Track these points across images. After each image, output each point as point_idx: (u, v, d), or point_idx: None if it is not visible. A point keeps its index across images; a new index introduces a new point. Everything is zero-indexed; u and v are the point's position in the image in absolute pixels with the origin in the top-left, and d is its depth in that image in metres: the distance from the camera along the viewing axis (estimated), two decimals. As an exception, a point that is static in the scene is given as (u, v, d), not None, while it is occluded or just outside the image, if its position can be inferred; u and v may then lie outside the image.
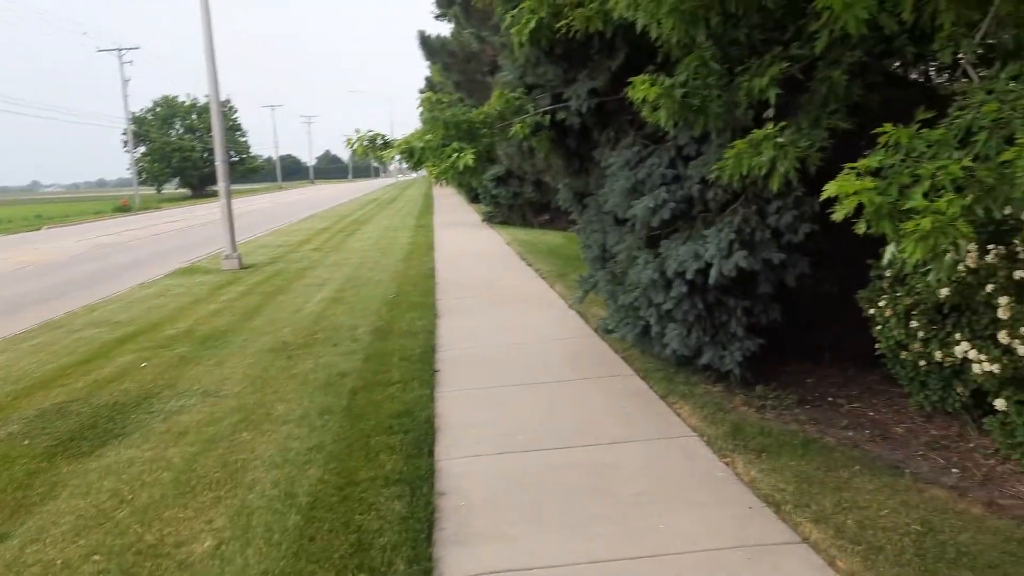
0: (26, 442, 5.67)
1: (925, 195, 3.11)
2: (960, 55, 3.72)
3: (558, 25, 5.30)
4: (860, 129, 4.57)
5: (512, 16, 5.76)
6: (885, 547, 3.60)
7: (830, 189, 3.32)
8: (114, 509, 4.43)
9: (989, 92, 3.36)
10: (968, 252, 4.29)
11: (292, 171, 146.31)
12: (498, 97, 6.40)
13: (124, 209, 52.96)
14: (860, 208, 3.23)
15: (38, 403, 6.67)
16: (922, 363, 4.94)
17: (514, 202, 21.30)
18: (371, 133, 6.47)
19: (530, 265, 13.51)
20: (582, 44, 5.95)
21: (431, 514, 4.12)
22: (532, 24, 5.55)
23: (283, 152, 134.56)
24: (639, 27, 4.43)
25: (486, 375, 6.83)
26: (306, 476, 4.70)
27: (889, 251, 3.29)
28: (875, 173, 3.32)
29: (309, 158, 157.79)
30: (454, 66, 17.28)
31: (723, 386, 6.06)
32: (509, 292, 11.06)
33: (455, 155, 5.92)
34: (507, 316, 9.38)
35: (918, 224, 3.01)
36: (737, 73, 4.84)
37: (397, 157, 6.41)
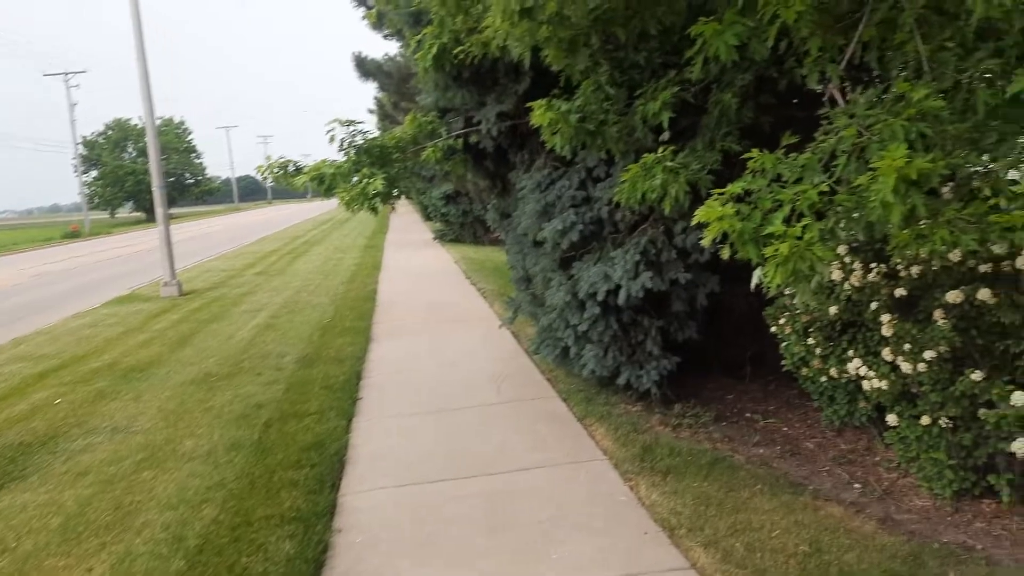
0: (-83, 488, 5.46)
1: (785, 220, 3.13)
2: (827, 79, 3.76)
3: (456, 51, 5.28)
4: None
5: (417, 41, 5.73)
6: (769, 570, 3.60)
7: (699, 215, 3.33)
8: (-6, 559, 4.26)
9: (851, 116, 3.40)
10: (853, 271, 4.35)
11: (250, 191, 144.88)
12: (411, 121, 6.37)
13: (74, 235, 51.86)
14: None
15: (-59, 446, 6.43)
16: (823, 379, 4.98)
17: (464, 220, 21.29)
18: (283, 160, 6.38)
19: (474, 284, 13.46)
20: (489, 69, 5.95)
21: (321, 553, 4.03)
22: (435, 50, 5.52)
23: (241, 173, 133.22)
24: (516, 55, 4.42)
25: (409, 402, 6.75)
26: (200, 517, 4.57)
27: (756, 275, 3.31)
28: (742, 198, 3.34)
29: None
30: (390, 87, 17.26)
31: (642, 405, 6.07)
32: (449, 313, 11.00)
33: (365, 181, 5.85)
34: (442, 338, 9.31)
35: (777, 249, 3.03)
36: (636, 97, 4.87)
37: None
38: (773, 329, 5.25)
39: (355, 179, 5.97)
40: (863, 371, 4.38)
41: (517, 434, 5.74)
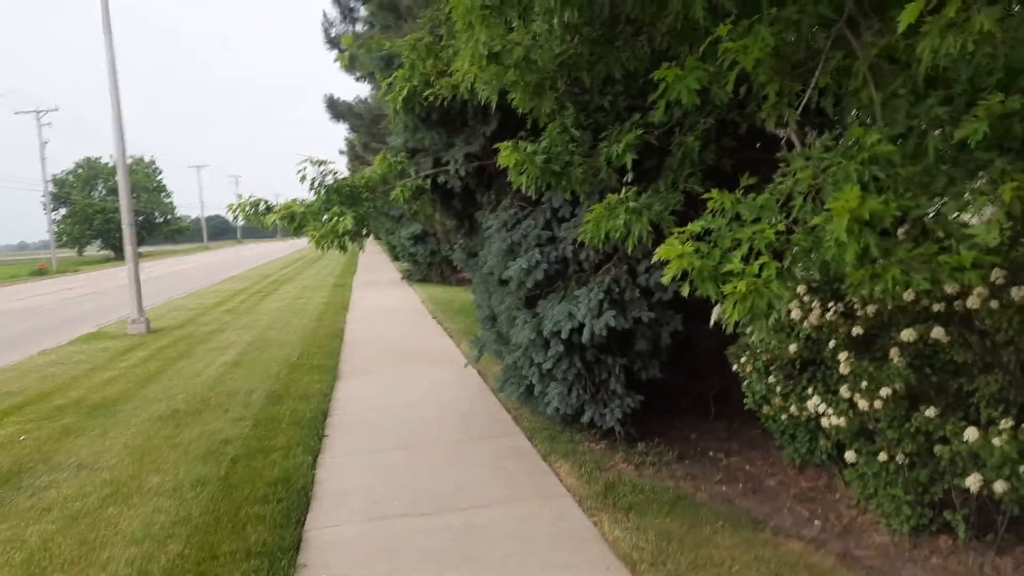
0: None
1: (744, 258, 3.25)
2: (784, 123, 3.93)
3: (426, 93, 5.42)
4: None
5: (388, 84, 5.87)
6: (729, 604, 3.65)
7: (659, 253, 3.45)
8: (-50, 598, 4.18)
9: (807, 159, 3.55)
10: (812, 310, 4.49)
11: (220, 231, 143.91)
12: (381, 161, 6.47)
13: (41, 272, 51.03)
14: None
15: (-102, 484, 6.28)
16: (784, 417, 5.09)
17: (432, 260, 21.38)
18: (253, 199, 6.44)
19: (440, 323, 13.50)
20: (459, 111, 6.09)
21: (284, 589, 4.00)
22: (405, 92, 5.66)
23: (212, 212, 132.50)
24: (483, 98, 4.55)
25: (375, 439, 6.74)
26: (165, 552, 4.53)
27: (715, 312, 3.41)
28: (702, 236, 3.46)
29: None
30: (361, 128, 17.44)
31: (606, 443, 6.12)
32: (415, 351, 11.01)
33: (335, 219, 5.92)
34: (408, 376, 9.31)
35: (735, 286, 3.14)
36: (600, 139, 5.02)
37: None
38: (735, 368, 5.36)
39: (325, 218, 6.05)
40: (822, 408, 4.49)
41: (483, 471, 5.76)
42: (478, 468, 5.83)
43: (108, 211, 72.25)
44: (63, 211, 74.54)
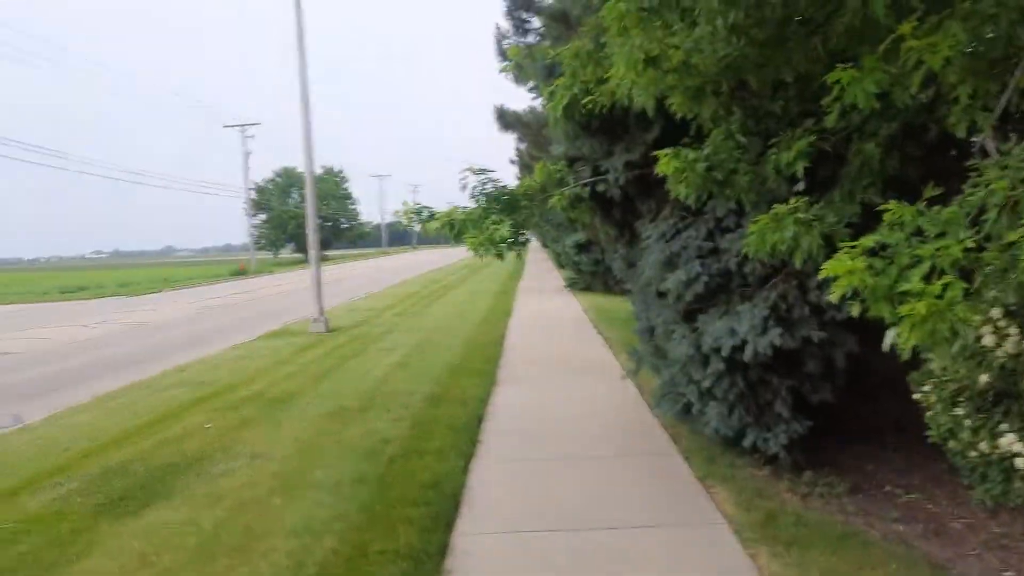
0: (79, 500, 5.94)
1: (924, 278, 2.91)
2: (977, 129, 3.51)
3: (585, 100, 5.34)
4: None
5: (549, 92, 5.85)
6: (899, 660, 3.28)
7: (827, 269, 3.17)
8: (135, 571, 4.56)
9: (1004, 168, 3.14)
10: (1008, 336, 3.98)
11: (399, 236, 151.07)
12: (540, 170, 6.48)
13: (241, 273, 55.91)
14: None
15: (105, 461, 6.98)
16: (973, 454, 4.55)
17: (596, 268, 21.24)
18: (417, 206, 6.63)
19: (600, 333, 13.38)
20: (620, 118, 5.96)
21: (427, 594, 4.05)
22: (566, 100, 5.60)
23: (391, 219, 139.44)
24: (639, 105, 4.39)
25: (527, 448, 6.73)
26: (321, 547, 4.72)
27: (889, 335, 3.08)
28: (877, 252, 3.14)
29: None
30: (528, 136, 17.63)
31: (770, 470, 5.76)
32: (573, 361, 10.95)
33: (493, 227, 5.98)
34: (564, 386, 9.26)
35: (913, 308, 2.82)
36: (769, 146, 4.72)
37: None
38: (917, 396, 4.86)
39: (483, 225, 6.12)
40: (1018, 447, 3.97)
41: (634, 489, 5.58)
42: (629, 486, 5.66)
43: (301, 217, 77.88)
44: (262, 216, 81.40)
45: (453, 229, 6.26)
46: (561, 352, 11.80)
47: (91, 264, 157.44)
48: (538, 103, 19.13)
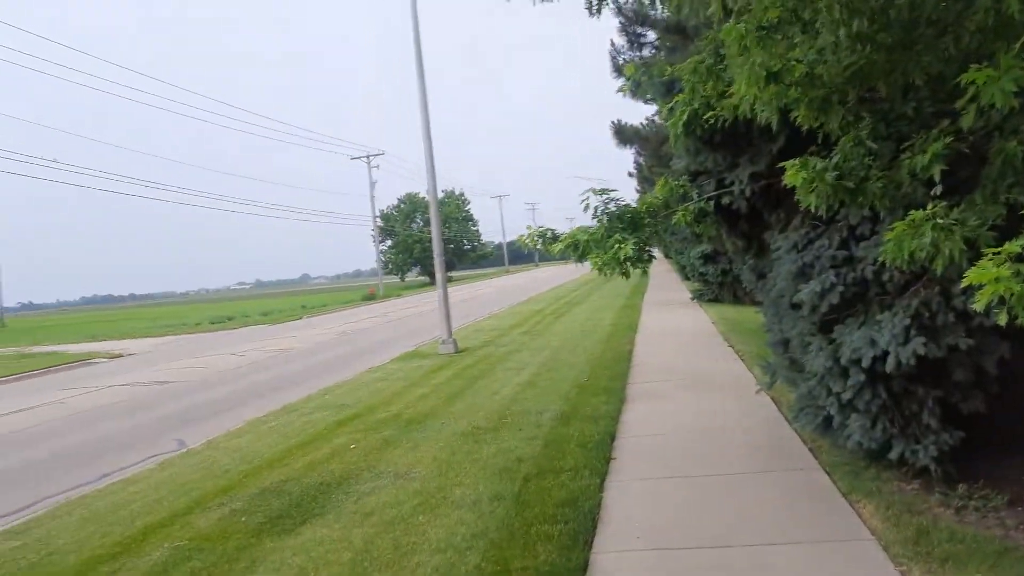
0: (243, 519, 6.39)
1: (1083, 285, 2.78)
2: None
3: (707, 116, 5.34)
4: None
5: (668, 108, 5.88)
6: None
7: (969, 277, 3.06)
8: (296, 585, 4.89)
9: None
10: None
11: (520, 255, 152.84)
12: (662, 186, 6.50)
13: (371, 297, 58.29)
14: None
15: (261, 482, 7.49)
16: None
17: (723, 279, 20.80)
18: (541, 229, 6.79)
19: (731, 346, 13.10)
20: (743, 131, 5.91)
21: (570, 610, 4.13)
22: (686, 116, 5.63)
23: (511, 237, 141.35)
24: (763, 119, 4.36)
25: (661, 465, 6.71)
26: (464, 562, 4.90)
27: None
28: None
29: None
30: (648, 151, 17.52)
31: (919, 483, 5.50)
32: (704, 375, 10.79)
33: (617, 246, 6.04)
34: (696, 401, 9.15)
35: (1070, 317, 2.69)
36: (902, 149, 4.58)
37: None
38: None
39: (607, 245, 6.20)
40: None
41: (774, 505, 5.47)
42: (769, 502, 5.55)
43: (425, 240, 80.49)
44: (389, 242, 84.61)
45: (577, 250, 6.37)
46: (691, 367, 11.65)
47: (236, 295, 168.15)
48: (654, 113, 19.07)
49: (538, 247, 6.88)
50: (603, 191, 6.43)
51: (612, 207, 6.34)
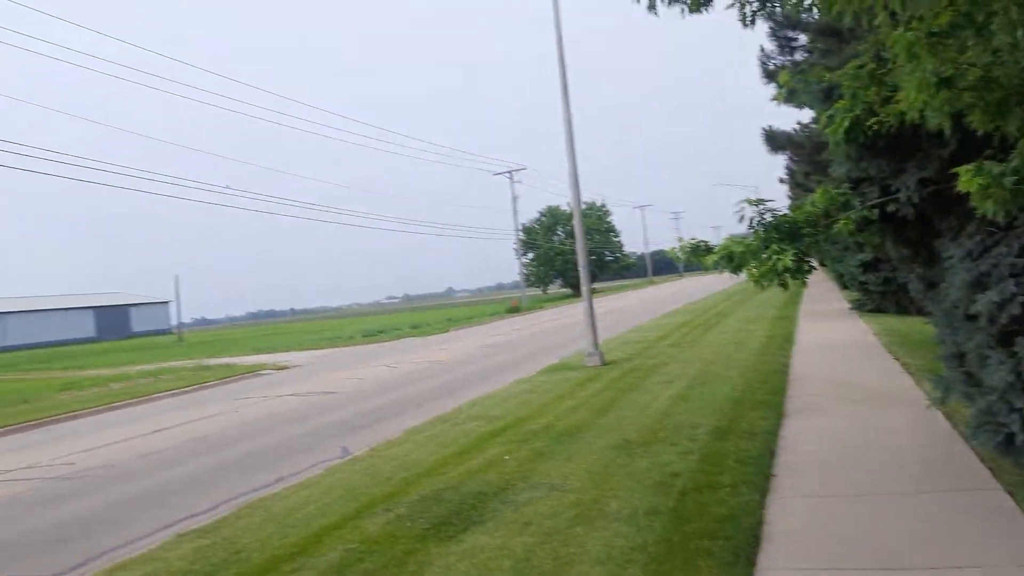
0: (408, 524, 6.73)
1: None
2: None
3: (870, 122, 5.17)
4: None
5: (827, 116, 5.73)
6: None
7: None
8: (463, 590, 5.11)
9: None
10: None
11: (663, 265, 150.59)
12: (821, 195, 6.32)
13: (514, 310, 59.25)
14: None
15: (422, 489, 7.84)
16: None
17: (885, 288, 19.65)
18: (694, 241, 6.76)
19: (896, 359, 12.39)
20: (909, 136, 5.66)
21: (736, 627, 4.10)
22: (847, 123, 5.47)
23: (655, 247, 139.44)
24: (933, 126, 4.17)
25: (825, 482, 6.49)
26: (625, 575, 4.96)
27: None
28: None
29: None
30: (802, 156, 16.86)
31: (1120, 508, 5.05)
32: (868, 389, 10.28)
33: (775, 257, 5.94)
34: (861, 417, 8.74)
35: None
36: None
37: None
38: None
39: (764, 256, 6.09)
40: None
41: (950, 527, 5.18)
42: (945, 523, 5.26)
43: (566, 253, 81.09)
44: (530, 255, 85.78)
45: (732, 262, 6.30)
46: (854, 380, 11.13)
47: (385, 308, 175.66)
48: (811, 120, 18.37)
49: (691, 259, 6.85)
50: (758, 201, 6.33)
51: (768, 217, 6.23)
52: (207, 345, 56.34)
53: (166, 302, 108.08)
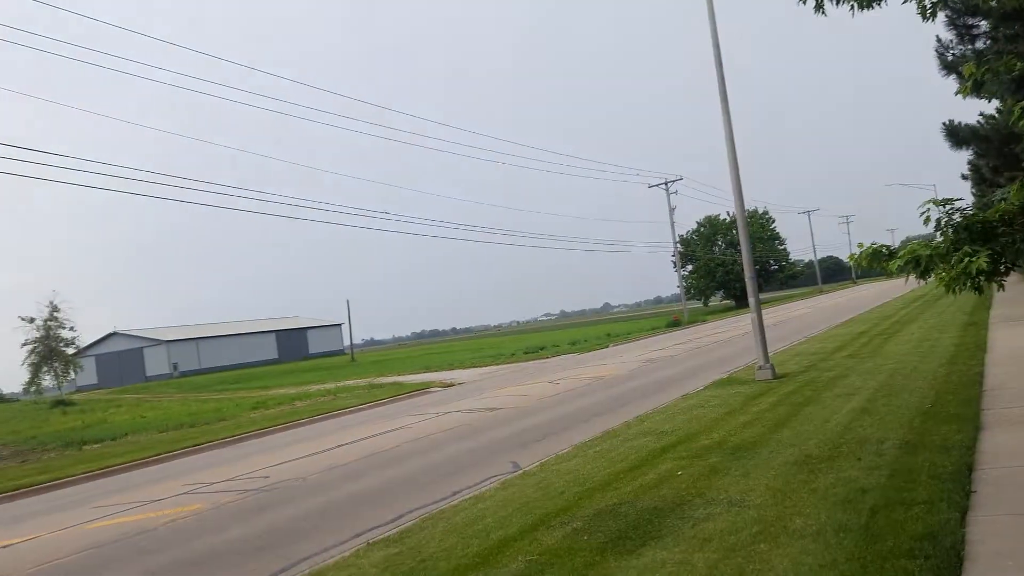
0: (585, 537, 6.82)
1: None
2: None
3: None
4: None
5: (1021, 108, 5.36)
6: None
7: None
8: (647, 603, 5.14)
9: None
10: None
11: (833, 272, 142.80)
12: (1018, 190, 5.88)
13: (675, 323, 58.24)
14: None
15: (596, 504, 7.91)
16: None
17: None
18: (874, 245, 6.47)
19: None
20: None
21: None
22: (1044, 112, 5.09)
23: (823, 254, 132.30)
24: None
25: (1035, 500, 5.98)
26: (816, 595, 4.81)
27: None
28: None
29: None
30: (989, 151, 15.52)
31: None
32: (1082, 400, 9.33)
33: (967, 259, 5.59)
34: (1075, 430, 7.96)
35: None
36: None
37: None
38: None
39: (954, 259, 5.74)
40: None
41: None
42: None
43: (727, 263, 78.85)
44: (689, 267, 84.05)
45: (919, 266, 5.98)
46: (1062, 390, 10.14)
47: (543, 325, 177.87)
48: (991, 110, 17.00)
49: (871, 265, 6.55)
50: (945, 200, 5.97)
51: (957, 217, 5.86)
52: (377, 364, 59.26)
53: (339, 324, 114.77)
